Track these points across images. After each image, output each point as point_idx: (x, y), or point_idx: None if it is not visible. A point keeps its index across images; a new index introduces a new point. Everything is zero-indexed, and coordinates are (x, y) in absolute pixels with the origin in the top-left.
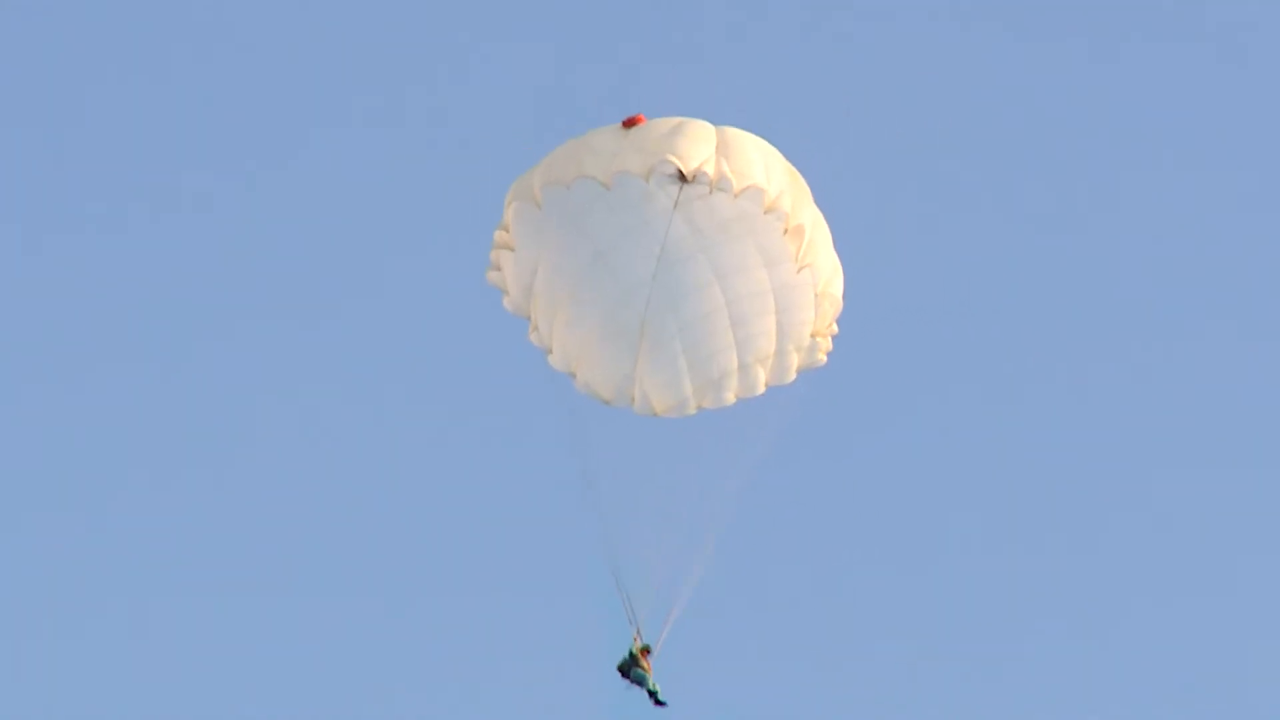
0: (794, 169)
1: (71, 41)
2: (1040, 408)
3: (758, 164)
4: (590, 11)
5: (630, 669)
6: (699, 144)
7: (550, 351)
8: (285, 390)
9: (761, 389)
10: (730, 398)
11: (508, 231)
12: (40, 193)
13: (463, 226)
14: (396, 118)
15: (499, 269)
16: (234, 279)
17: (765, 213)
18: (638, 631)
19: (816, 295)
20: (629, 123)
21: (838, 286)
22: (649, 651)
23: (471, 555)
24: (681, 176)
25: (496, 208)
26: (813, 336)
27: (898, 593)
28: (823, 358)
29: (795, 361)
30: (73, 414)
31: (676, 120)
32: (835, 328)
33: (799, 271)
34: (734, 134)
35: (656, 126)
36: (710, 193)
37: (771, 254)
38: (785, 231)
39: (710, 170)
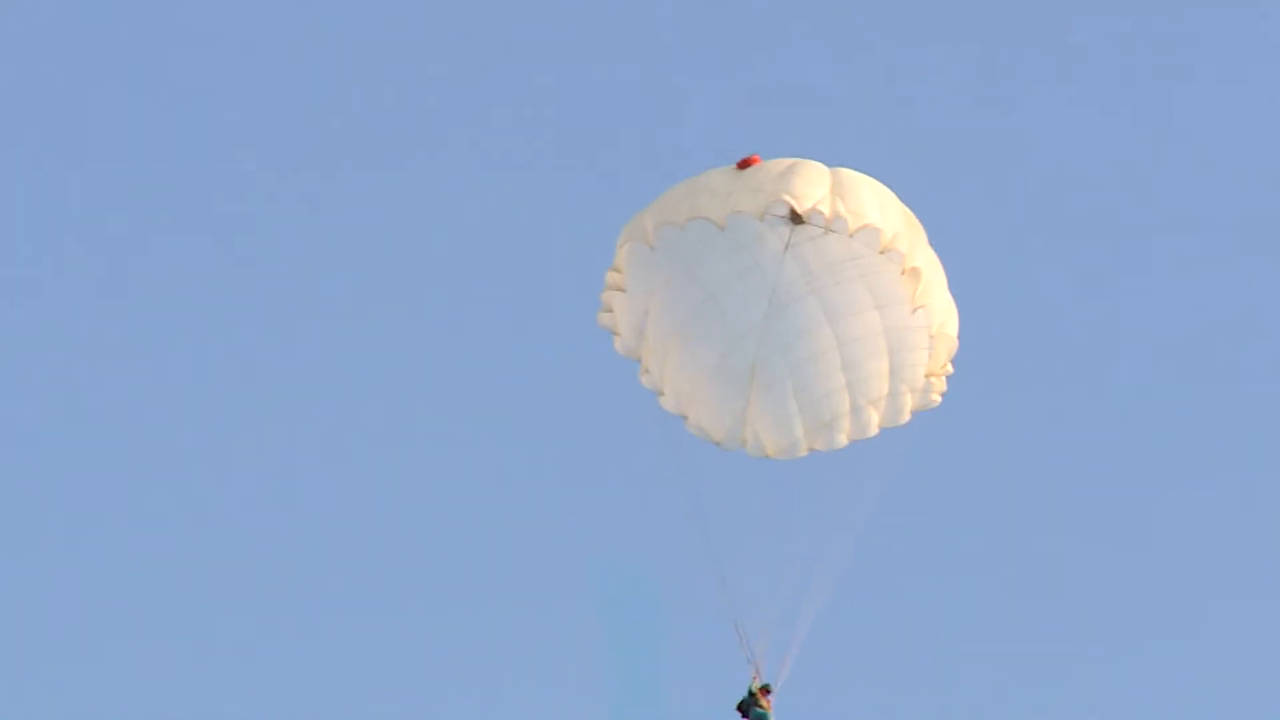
0: (909, 211)
1: (78, 47)
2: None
3: (872, 204)
4: (691, 50)
5: (750, 709)
6: (814, 184)
7: (662, 394)
8: (394, 430)
9: (875, 430)
10: (843, 439)
11: (620, 273)
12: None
13: (573, 269)
14: (500, 152)
15: (610, 310)
16: (328, 301)
17: (881, 253)
18: (757, 670)
19: (931, 336)
20: (744, 164)
21: (953, 327)
22: (769, 691)
23: (523, 559)
24: (794, 217)
25: (608, 250)
26: (927, 377)
27: (1017, 629)
28: (937, 398)
29: (909, 403)
30: (87, 417)
31: (791, 161)
32: (950, 368)
33: (914, 312)
34: (848, 174)
35: (771, 167)
36: (823, 234)
37: (884, 295)
38: (902, 273)
39: (825, 210)
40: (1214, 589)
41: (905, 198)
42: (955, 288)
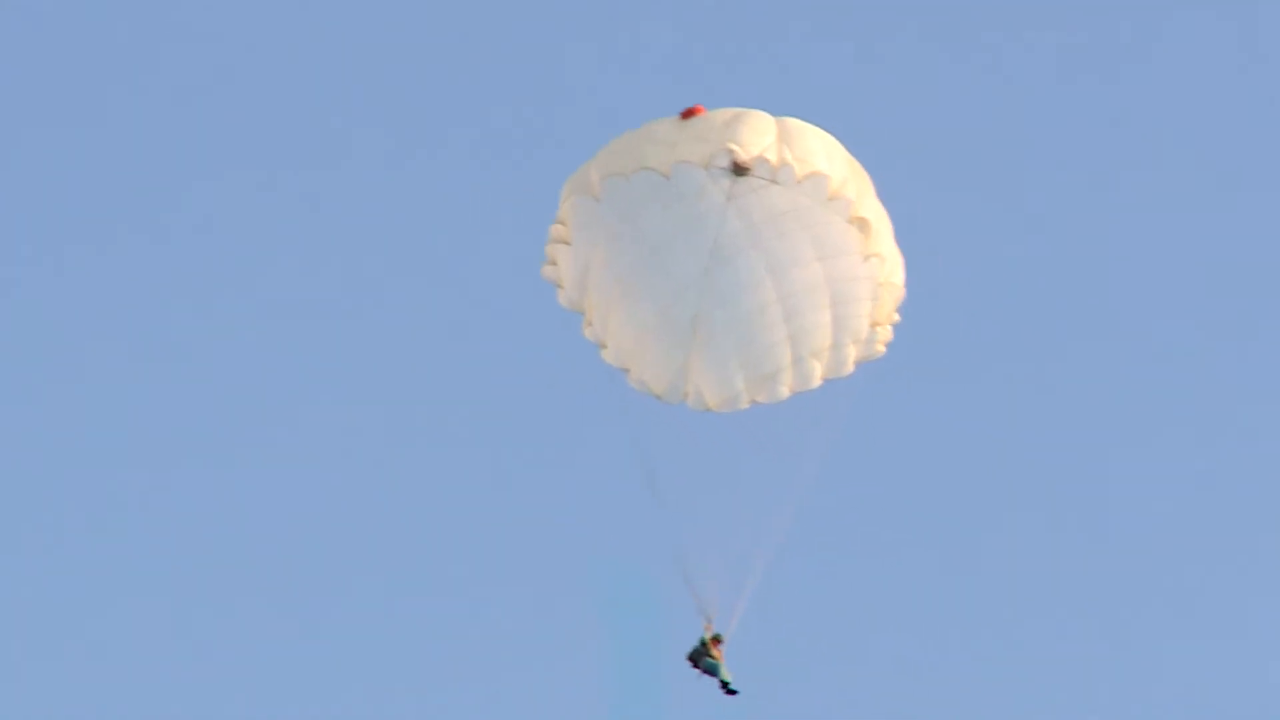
0: (855, 161)
1: (71, 43)
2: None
3: (819, 152)
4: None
5: (701, 658)
6: (760, 132)
7: (604, 347)
8: (333, 388)
9: (818, 381)
10: (785, 392)
11: (564, 225)
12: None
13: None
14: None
15: (554, 263)
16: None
17: (829, 200)
18: (709, 622)
19: (879, 285)
20: (687, 113)
21: (900, 276)
22: (720, 641)
23: (519, 553)
24: (736, 169)
25: (551, 202)
26: (874, 326)
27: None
28: (881, 349)
29: (852, 354)
30: (78, 413)
31: (735, 110)
32: (897, 316)
33: (866, 260)
34: (794, 123)
35: (715, 116)
36: (766, 185)
37: (828, 246)
38: (850, 220)
39: (772, 157)
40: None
41: (851, 151)
42: (902, 240)
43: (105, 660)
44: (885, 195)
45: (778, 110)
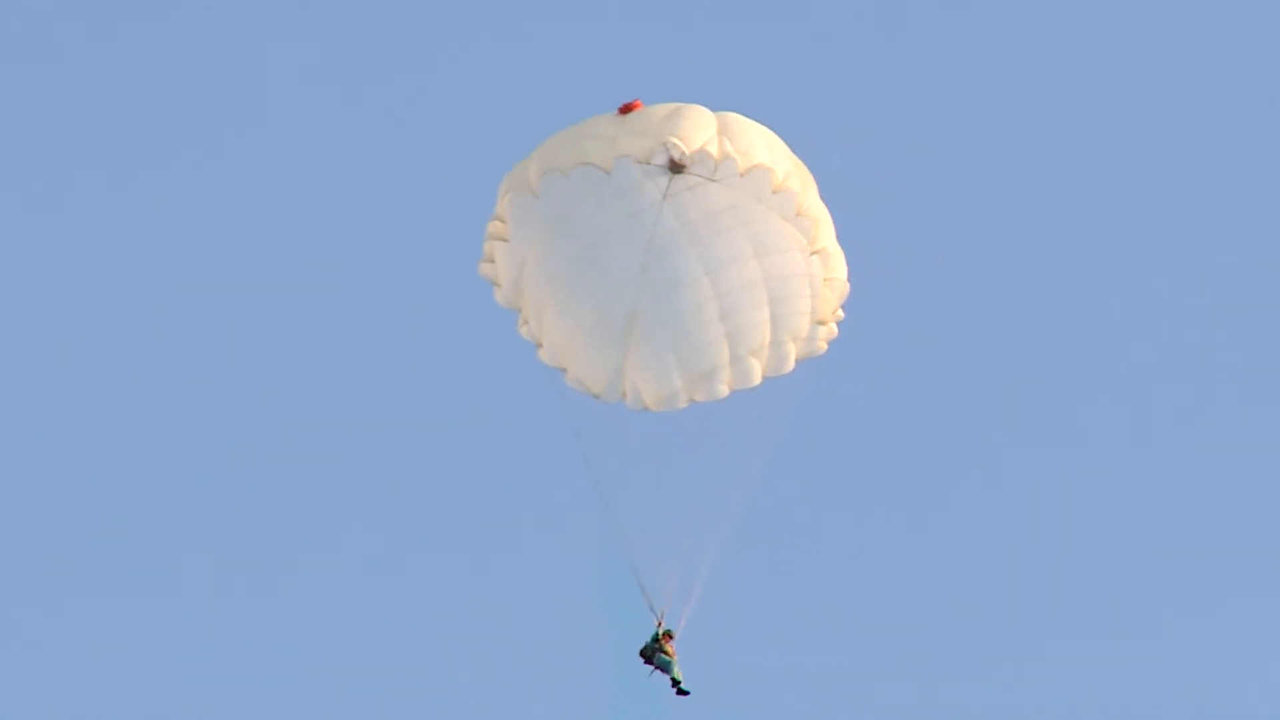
0: (796, 157)
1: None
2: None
3: (761, 145)
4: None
5: (654, 654)
6: (700, 127)
7: (540, 346)
8: (268, 383)
9: (758, 379)
10: (724, 390)
11: (502, 223)
12: None
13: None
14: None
15: (492, 261)
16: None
17: (773, 193)
18: (660, 617)
19: (826, 280)
20: (625, 109)
21: (843, 271)
22: (671, 637)
23: (470, 552)
24: (673, 166)
25: (488, 198)
26: (818, 324)
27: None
28: (823, 346)
29: (793, 351)
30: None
31: (674, 105)
32: (841, 313)
33: (808, 256)
34: (735, 118)
35: (654, 112)
36: (703, 183)
37: (765, 243)
38: (798, 213)
39: (714, 150)
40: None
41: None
42: (845, 238)
43: (87, 656)
44: (822, 191)
45: (715, 106)
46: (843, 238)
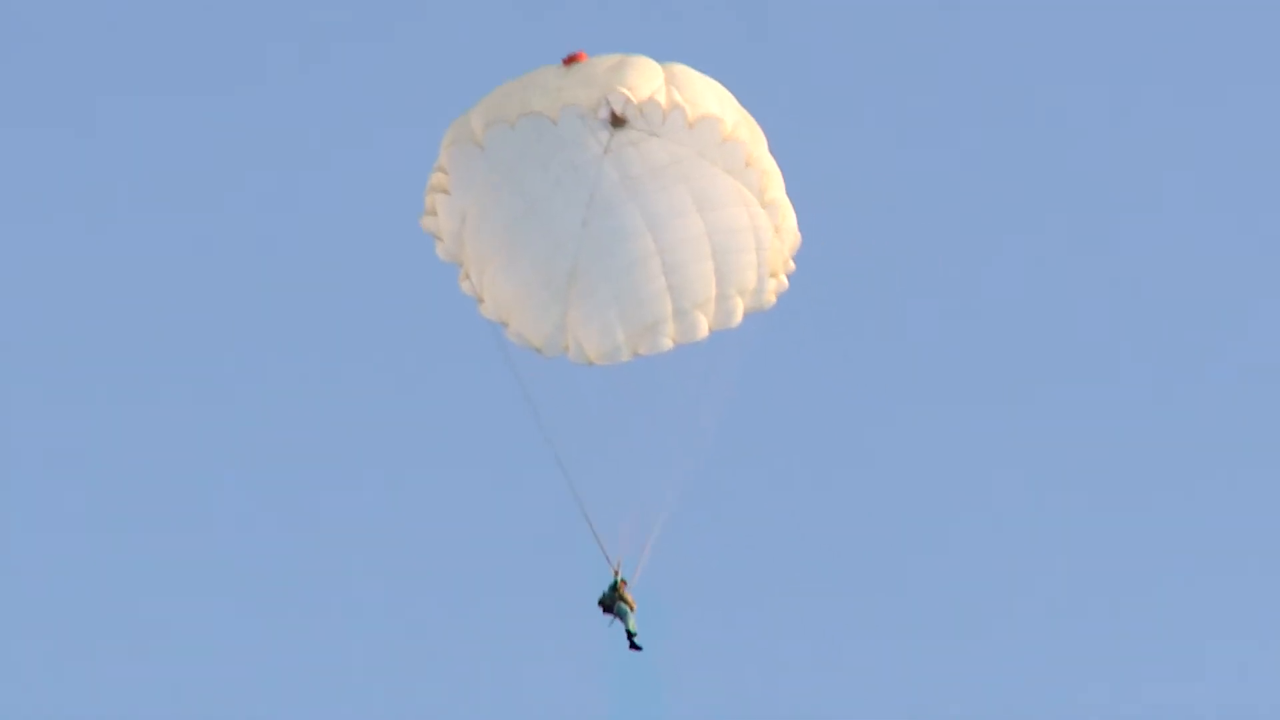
0: (745, 111)
1: None
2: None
3: (710, 96)
4: None
5: (614, 603)
6: (647, 77)
7: (482, 301)
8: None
9: (704, 334)
10: (667, 343)
11: (445, 174)
12: None
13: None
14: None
15: (434, 214)
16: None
17: (722, 142)
18: (618, 566)
19: (775, 230)
20: (570, 60)
21: (793, 220)
22: (626, 584)
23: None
24: (614, 121)
25: (429, 151)
26: (771, 276)
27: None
28: (772, 299)
29: (740, 305)
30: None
31: (620, 56)
32: (793, 265)
33: (755, 209)
34: (681, 69)
35: (599, 63)
36: (646, 137)
37: (709, 198)
38: (747, 163)
39: (662, 100)
40: (1034, 501)
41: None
42: (796, 190)
43: (85, 657)
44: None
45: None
46: (792, 192)
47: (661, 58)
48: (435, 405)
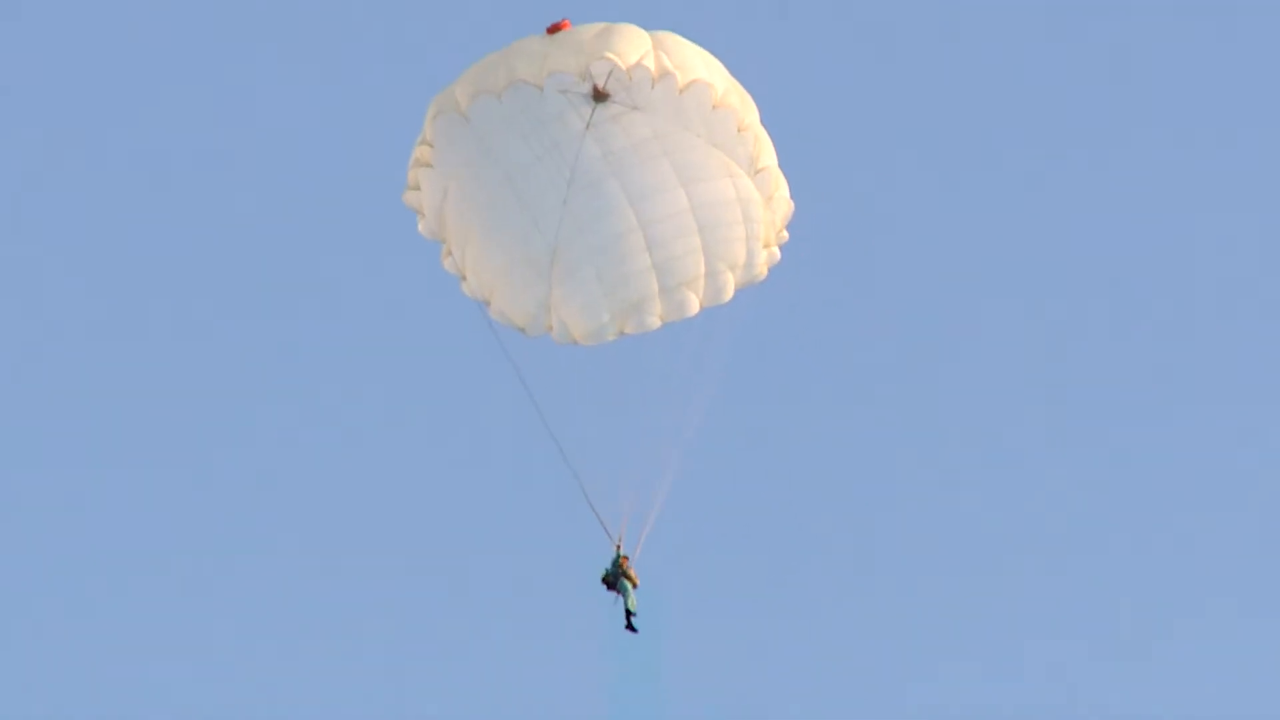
0: (733, 78)
1: None
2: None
3: (699, 61)
4: None
5: (617, 579)
6: (634, 44)
7: (464, 279)
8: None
9: (694, 311)
10: (655, 321)
11: (429, 147)
12: None
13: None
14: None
15: (417, 189)
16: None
17: (713, 109)
18: (619, 541)
19: (768, 199)
20: (554, 28)
21: (786, 189)
22: (628, 559)
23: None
24: (596, 95)
25: (413, 127)
26: (764, 247)
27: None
28: (764, 271)
29: (731, 280)
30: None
31: (604, 24)
32: (785, 234)
33: (744, 179)
34: (669, 35)
35: (584, 30)
36: (627, 112)
37: (691, 172)
38: (739, 129)
39: (651, 65)
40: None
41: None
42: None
43: (86, 656)
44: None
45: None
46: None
47: (645, 27)
48: (428, 387)
